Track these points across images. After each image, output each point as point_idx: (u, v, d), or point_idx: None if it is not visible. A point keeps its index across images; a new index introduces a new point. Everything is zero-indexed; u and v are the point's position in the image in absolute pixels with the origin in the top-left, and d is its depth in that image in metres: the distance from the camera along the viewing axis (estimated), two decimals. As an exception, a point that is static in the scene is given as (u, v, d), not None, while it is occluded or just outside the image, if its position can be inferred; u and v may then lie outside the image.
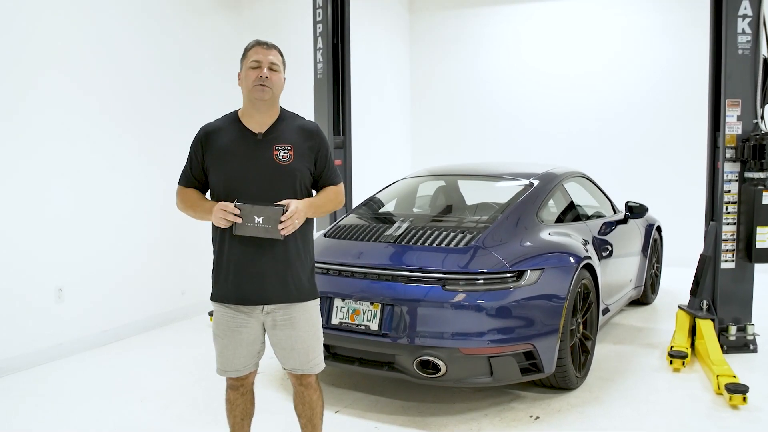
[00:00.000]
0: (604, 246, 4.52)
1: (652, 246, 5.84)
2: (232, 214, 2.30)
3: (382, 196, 4.76)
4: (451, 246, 3.55)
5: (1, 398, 3.88)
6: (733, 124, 4.34)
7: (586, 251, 3.97)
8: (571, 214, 4.51)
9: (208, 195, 2.58)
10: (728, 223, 4.42)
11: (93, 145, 4.83)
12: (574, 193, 4.75)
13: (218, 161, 2.45)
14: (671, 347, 4.37)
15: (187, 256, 5.62)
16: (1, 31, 4.17)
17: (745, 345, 4.47)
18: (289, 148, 2.44)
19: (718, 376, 3.76)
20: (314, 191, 2.59)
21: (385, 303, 3.41)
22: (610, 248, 4.61)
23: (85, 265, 4.78)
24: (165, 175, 4.86)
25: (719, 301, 4.47)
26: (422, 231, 3.75)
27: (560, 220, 4.36)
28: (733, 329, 4.45)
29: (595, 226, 4.61)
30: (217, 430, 3.34)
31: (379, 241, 3.75)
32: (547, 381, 3.71)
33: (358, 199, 4.83)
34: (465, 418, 3.46)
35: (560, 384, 3.71)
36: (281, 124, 2.50)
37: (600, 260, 4.27)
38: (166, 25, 5.51)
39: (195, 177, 2.54)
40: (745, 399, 3.53)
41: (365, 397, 3.75)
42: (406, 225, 3.87)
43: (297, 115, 2.60)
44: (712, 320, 4.41)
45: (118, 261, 5.05)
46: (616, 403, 3.64)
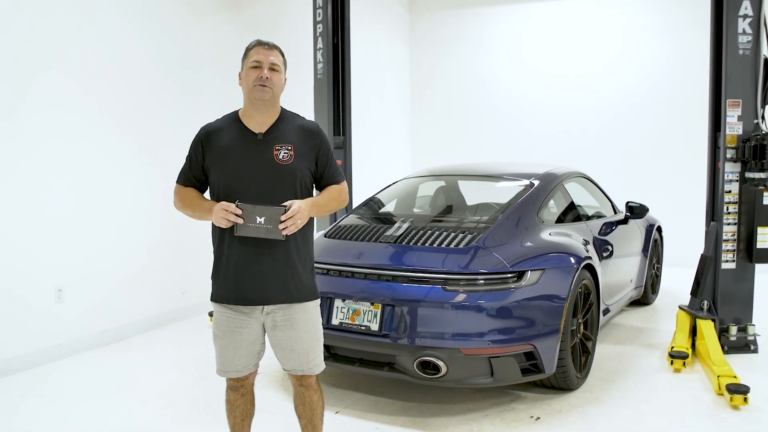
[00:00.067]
0: (604, 246, 4.51)
1: (653, 246, 5.83)
2: (234, 214, 2.30)
3: (382, 196, 4.75)
4: (452, 246, 3.54)
5: (1, 398, 3.88)
6: (733, 125, 4.34)
7: (587, 251, 3.96)
8: (572, 214, 4.50)
9: (206, 194, 2.57)
10: (729, 224, 4.42)
11: (93, 145, 4.83)
12: (574, 193, 4.75)
13: (218, 161, 2.44)
14: (672, 347, 4.37)
15: (187, 256, 5.62)
16: (1, 31, 4.17)
17: (746, 345, 4.47)
18: (289, 148, 2.44)
19: (718, 377, 3.76)
20: (318, 191, 2.58)
21: (385, 303, 3.40)
22: (610, 248, 4.61)
23: (85, 265, 4.78)
24: (165, 175, 4.85)
25: (720, 301, 4.47)
26: (422, 231, 3.74)
27: (561, 220, 4.36)
28: (733, 329, 4.45)
29: (595, 226, 4.61)
30: (217, 430, 3.34)
31: (380, 242, 3.75)
32: (547, 381, 3.71)
33: (358, 199, 4.82)
34: (465, 418, 3.46)
35: (561, 384, 3.71)
36: (282, 124, 2.49)
37: (600, 260, 4.27)
38: (166, 25, 5.50)
39: (194, 176, 2.53)
40: (746, 399, 3.52)
41: (365, 398, 3.74)
42: (407, 225, 3.86)
43: (297, 115, 2.60)
44: (713, 320, 4.41)
45: (118, 261, 5.05)
46: (616, 404, 3.63)
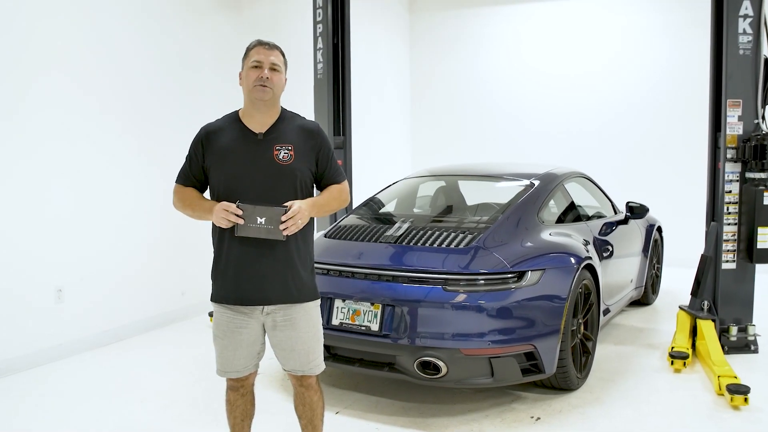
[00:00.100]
0: (604, 246, 4.51)
1: (653, 246, 5.83)
2: (234, 214, 2.30)
3: (382, 196, 4.75)
4: (452, 246, 3.54)
5: (1, 398, 3.88)
6: (734, 125, 4.34)
7: (587, 252, 3.96)
8: (572, 214, 4.50)
9: (206, 194, 2.57)
10: (729, 224, 4.42)
11: (93, 145, 4.82)
12: (574, 193, 4.75)
13: (219, 161, 2.44)
14: (672, 348, 4.36)
15: (187, 256, 5.61)
16: (1, 31, 4.17)
17: (746, 345, 4.47)
18: (289, 148, 2.43)
19: (719, 377, 3.76)
20: (319, 191, 2.58)
21: (385, 304, 3.40)
22: (610, 249, 4.61)
23: (85, 265, 4.78)
24: (165, 175, 4.84)
25: (720, 301, 4.47)
26: (423, 231, 3.74)
27: (561, 220, 4.36)
28: (734, 330, 4.44)
29: (595, 226, 4.61)
30: (217, 430, 3.33)
31: (380, 242, 3.74)
32: (548, 382, 3.71)
33: (358, 199, 4.82)
34: (466, 419, 3.45)
35: (561, 385, 3.71)
36: (282, 124, 2.49)
37: (601, 261, 4.27)
38: (166, 25, 5.50)
39: (194, 176, 2.53)
40: (746, 400, 3.52)
41: (366, 398, 3.74)
42: (407, 225, 3.86)
43: (298, 115, 2.59)
44: (713, 321, 4.41)
45: (118, 261, 5.05)
46: (617, 404, 3.63)
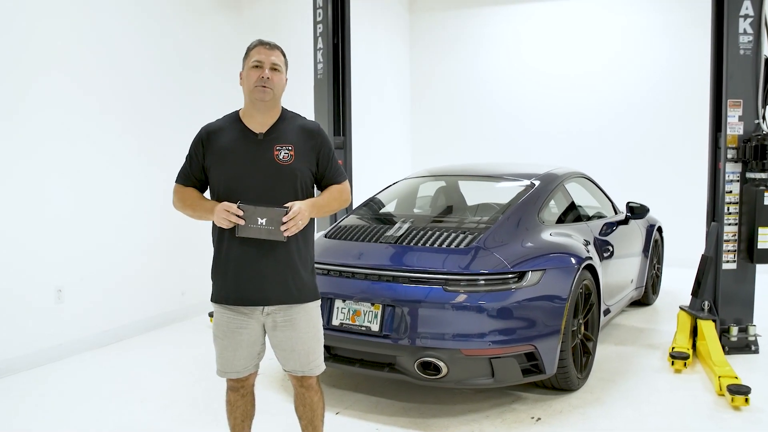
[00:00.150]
0: (605, 247, 4.51)
1: (653, 246, 5.83)
2: (235, 215, 2.29)
3: (382, 196, 4.75)
4: (452, 247, 3.54)
5: (1, 398, 3.87)
6: (734, 125, 4.34)
7: (588, 252, 3.96)
8: (572, 214, 4.50)
9: (206, 194, 2.57)
10: (729, 224, 4.41)
11: (93, 145, 4.82)
12: (575, 193, 4.74)
13: (219, 161, 2.44)
14: (672, 348, 4.36)
15: (187, 256, 5.61)
16: (1, 31, 4.16)
17: (747, 346, 4.46)
18: (289, 148, 2.43)
19: (719, 377, 3.75)
20: (320, 191, 2.57)
21: (385, 304, 3.39)
22: (611, 249, 4.61)
23: (85, 265, 4.77)
24: (165, 175, 4.83)
25: (721, 301, 4.47)
26: (423, 232, 3.73)
27: (561, 220, 4.36)
28: (734, 330, 4.44)
29: (596, 226, 4.61)
30: (217, 431, 3.33)
31: (380, 242, 3.74)
32: (548, 382, 3.70)
33: (358, 199, 4.81)
34: (466, 419, 3.45)
35: (562, 385, 3.70)
36: (282, 124, 2.48)
37: (601, 261, 4.27)
38: (166, 25, 5.50)
39: (194, 176, 2.52)
40: (747, 400, 3.52)
41: (366, 399, 3.74)
42: (407, 226, 3.86)
43: (298, 115, 2.59)
44: (714, 321, 4.40)
45: (118, 261, 5.04)
46: (617, 404, 3.63)
